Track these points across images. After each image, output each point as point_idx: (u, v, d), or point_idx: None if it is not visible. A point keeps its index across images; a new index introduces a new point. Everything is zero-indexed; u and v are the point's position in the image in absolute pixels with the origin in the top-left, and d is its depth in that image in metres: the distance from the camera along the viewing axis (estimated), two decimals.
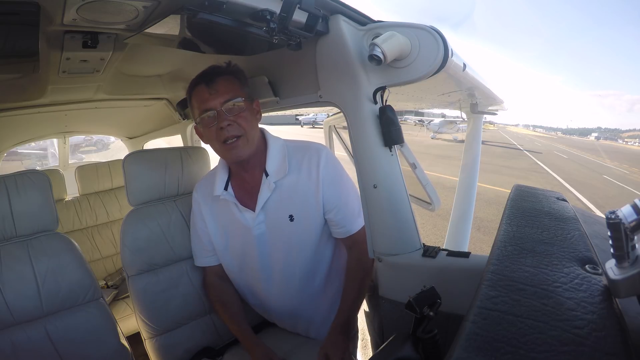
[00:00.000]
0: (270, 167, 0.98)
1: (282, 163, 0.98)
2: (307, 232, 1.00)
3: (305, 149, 1.01)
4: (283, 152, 1.00)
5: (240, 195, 1.02)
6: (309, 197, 0.98)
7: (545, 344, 0.29)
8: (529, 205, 0.58)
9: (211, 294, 1.14)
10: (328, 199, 0.98)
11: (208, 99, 0.91)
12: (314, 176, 0.97)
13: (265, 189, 0.98)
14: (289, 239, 1.00)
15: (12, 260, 0.94)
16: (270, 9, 0.66)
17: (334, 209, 0.99)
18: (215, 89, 0.91)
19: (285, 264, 1.02)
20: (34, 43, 0.82)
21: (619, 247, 0.32)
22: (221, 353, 1.15)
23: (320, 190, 0.97)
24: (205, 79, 0.92)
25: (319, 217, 1.00)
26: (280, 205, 0.99)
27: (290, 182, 0.98)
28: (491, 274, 0.38)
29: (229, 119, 0.91)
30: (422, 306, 0.60)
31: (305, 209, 0.99)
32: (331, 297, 1.08)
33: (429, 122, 24.54)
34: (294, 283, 1.04)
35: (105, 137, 11.40)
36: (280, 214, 0.99)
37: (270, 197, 0.98)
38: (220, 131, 0.91)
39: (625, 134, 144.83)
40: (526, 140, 36.47)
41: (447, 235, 2.19)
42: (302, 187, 0.98)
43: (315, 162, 0.98)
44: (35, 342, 0.92)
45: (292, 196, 0.98)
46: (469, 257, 0.79)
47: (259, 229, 1.00)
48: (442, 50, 0.71)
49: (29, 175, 0.99)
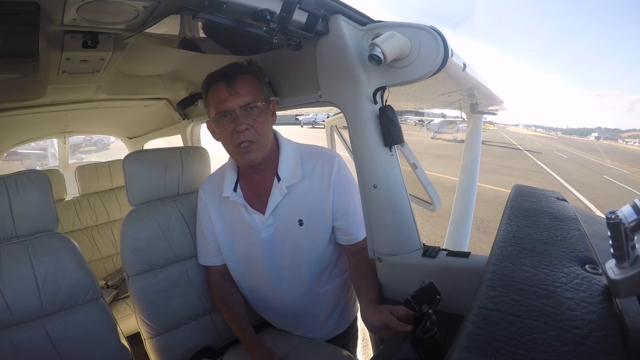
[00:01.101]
0: (283, 172, 0.96)
1: (296, 168, 0.97)
2: (315, 236, 1.00)
3: (318, 155, 1.00)
4: (296, 157, 0.99)
5: (249, 197, 1.01)
6: (319, 203, 0.97)
7: (545, 344, 0.29)
8: (529, 205, 0.58)
9: (214, 292, 1.14)
10: (338, 206, 0.98)
11: (227, 100, 0.88)
12: (326, 183, 0.96)
13: (276, 193, 0.96)
14: (297, 243, 1.00)
15: (12, 260, 0.94)
16: (270, 9, 0.66)
17: (342, 216, 0.99)
18: (235, 90, 0.88)
19: (291, 267, 1.02)
20: (34, 43, 0.82)
21: (619, 247, 0.32)
22: (221, 353, 1.15)
23: (330, 197, 0.97)
24: (226, 77, 0.89)
25: (327, 223, 0.99)
26: (291, 209, 0.98)
27: (302, 188, 0.97)
28: (491, 274, 0.38)
29: (247, 123, 0.89)
30: (420, 304, 0.59)
31: (315, 215, 0.98)
32: (333, 299, 1.08)
33: (429, 122, 24.54)
34: (299, 285, 1.04)
35: (105, 137, 11.40)
36: (290, 218, 0.98)
37: (281, 202, 0.97)
38: (236, 134, 0.89)
39: (625, 134, 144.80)
40: (526, 140, 36.49)
41: (447, 235, 2.19)
42: (314, 193, 0.97)
43: (328, 170, 0.97)
44: (35, 342, 0.92)
45: (303, 201, 0.97)
46: (469, 257, 0.79)
47: (268, 232, 0.99)
48: (442, 50, 0.71)
49: (29, 175, 0.99)
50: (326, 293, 1.06)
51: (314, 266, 1.02)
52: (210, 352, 1.16)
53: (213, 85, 0.90)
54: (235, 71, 0.90)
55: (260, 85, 0.93)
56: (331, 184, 0.96)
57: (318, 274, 1.04)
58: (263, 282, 1.05)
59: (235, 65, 0.92)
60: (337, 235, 1.02)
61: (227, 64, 0.94)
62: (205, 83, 0.93)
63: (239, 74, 0.90)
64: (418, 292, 0.60)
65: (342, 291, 1.10)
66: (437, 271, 0.79)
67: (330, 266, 1.05)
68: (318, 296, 1.06)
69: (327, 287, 1.06)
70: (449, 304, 0.74)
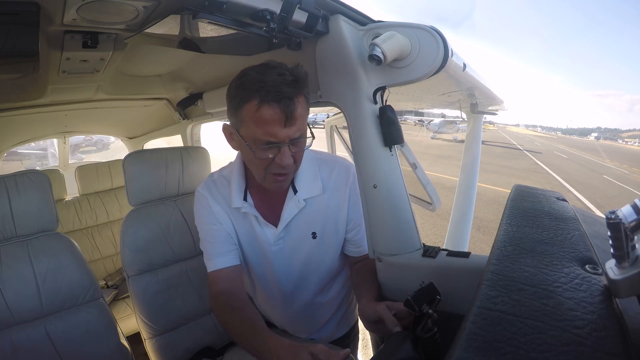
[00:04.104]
0: (300, 183, 0.90)
1: (314, 180, 0.91)
2: (328, 249, 0.97)
3: (333, 164, 0.95)
4: (314, 168, 0.92)
5: (260, 206, 0.92)
6: (334, 215, 0.94)
7: (545, 344, 0.29)
8: (529, 205, 0.58)
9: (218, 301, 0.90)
10: (352, 218, 0.95)
11: (279, 131, 0.72)
12: (342, 194, 0.93)
13: (292, 205, 0.90)
14: (309, 255, 0.96)
15: (12, 260, 0.94)
16: (270, 9, 0.66)
17: (355, 228, 0.96)
18: (291, 120, 0.72)
19: (300, 277, 0.99)
20: (34, 43, 0.82)
21: (619, 247, 0.32)
22: (221, 353, 1.14)
23: (345, 209, 0.94)
24: (284, 101, 0.70)
25: (340, 236, 0.97)
26: (305, 222, 0.93)
27: (318, 200, 0.92)
28: (491, 274, 0.38)
29: (292, 155, 0.77)
30: (420, 304, 0.59)
31: (329, 227, 0.94)
32: (336, 305, 1.08)
33: (428, 122, 24.55)
34: (306, 293, 1.02)
35: (105, 137, 11.41)
36: (304, 232, 0.94)
37: (297, 215, 0.91)
38: (277, 166, 0.77)
39: (625, 134, 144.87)
40: (526, 140, 36.49)
41: (447, 235, 2.19)
42: (329, 205, 0.93)
43: (344, 180, 0.93)
44: (35, 342, 0.92)
45: (318, 214, 0.93)
46: (469, 257, 0.79)
47: (278, 245, 0.94)
48: (442, 50, 0.71)
49: (29, 175, 0.99)
50: (330, 300, 1.06)
51: (323, 276, 1.00)
52: (210, 352, 1.16)
53: (263, 105, 0.70)
54: (293, 92, 0.71)
55: (308, 108, 0.79)
56: (347, 195, 0.93)
57: (325, 284, 1.02)
58: (269, 289, 1.03)
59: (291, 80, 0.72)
60: (347, 247, 0.99)
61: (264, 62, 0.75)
62: (245, 90, 0.72)
63: (296, 95, 0.72)
64: (418, 292, 0.60)
65: (344, 297, 1.10)
66: (437, 271, 0.79)
67: (336, 275, 1.05)
68: (322, 304, 1.05)
69: (331, 295, 1.06)
70: (449, 304, 0.74)
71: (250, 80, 0.72)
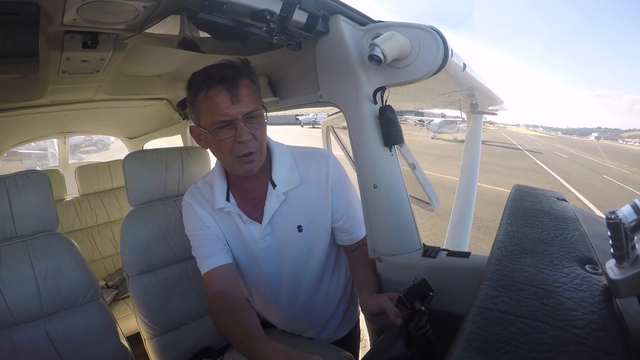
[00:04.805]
0: (277, 177, 0.91)
1: (292, 173, 0.93)
2: (316, 241, 0.97)
3: (312, 156, 0.96)
4: (290, 160, 0.94)
5: (243, 205, 0.94)
6: (318, 206, 0.94)
7: (545, 344, 0.29)
8: (529, 205, 0.58)
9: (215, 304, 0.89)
10: (337, 207, 0.95)
11: (228, 108, 0.78)
12: (323, 185, 0.93)
13: (273, 200, 0.91)
14: (297, 250, 0.96)
15: (12, 260, 0.94)
16: (270, 9, 0.66)
17: (342, 217, 0.96)
18: (238, 97, 0.79)
19: (291, 274, 0.99)
20: (34, 43, 0.82)
21: (619, 247, 0.32)
22: (221, 353, 1.14)
23: (329, 199, 0.94)
24: (226, 82, 0.78)
25: (327, 226, 0.97)
26: (289, 216, 0.94)
27: (299, 192, 0.93)
28: (491, 274, 0.38)
29: (249, 133, 0.81)
30: (413, 301, 0.59)
31: (314, 219, 0.95)
32: (334, 301, 1.08)
33: (429, 122, 24.54)
34: (300, 291, 1.02)
35: (105, 137, 11.41)
36: (289, 226, 0.94)
37: (279, 209, 0.92)
38: (238, 145, 0.81)
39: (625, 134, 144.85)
40: (526, 140, 36.49)
41: (447, 235, 2.19)
42: (311, 197, 0.94)
43: (324, 171, 0.93)
44: (35, 342, 0.92)
45: (301, 206, 0.94)
46: (469, 257, 0.79)
47: (266, 242, 0.95)
48: (442, 50, 0.71)
49: (29, 175, 0.99)
50: (327, 295, 1.06)
51: (315, 271, 1.00)
52: (210, 352, 1.16)
53: (210, 91, 0.79)
54: (235, 75, 0.79)
55: (258, 90, 0.86)
56: (329, 185, 0.93)
57: (319, 277, 1.02)
58: (262, 290, 1.03)
59: (233, 67, 0.81)
60: (337, 236, 1.00)
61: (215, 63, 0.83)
62: (195, 86, 0.81)
63: (239, 77, 0.80)
64: (410, 289, 0.60)
65: (343, 292, 1.09)
66: (437, 271, 0.79)
67: (331, 268, 1.05)
68: (319, 299, 1.05)
69: (328, 289, 1.05)
70: (449, 304, 0.74)
71: (197, 78, 0.82)
